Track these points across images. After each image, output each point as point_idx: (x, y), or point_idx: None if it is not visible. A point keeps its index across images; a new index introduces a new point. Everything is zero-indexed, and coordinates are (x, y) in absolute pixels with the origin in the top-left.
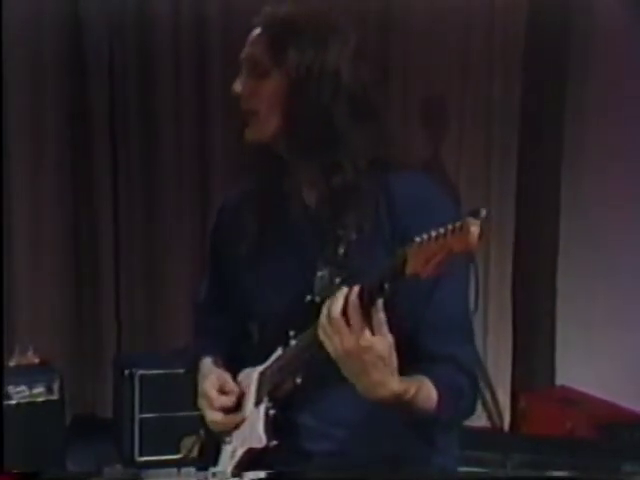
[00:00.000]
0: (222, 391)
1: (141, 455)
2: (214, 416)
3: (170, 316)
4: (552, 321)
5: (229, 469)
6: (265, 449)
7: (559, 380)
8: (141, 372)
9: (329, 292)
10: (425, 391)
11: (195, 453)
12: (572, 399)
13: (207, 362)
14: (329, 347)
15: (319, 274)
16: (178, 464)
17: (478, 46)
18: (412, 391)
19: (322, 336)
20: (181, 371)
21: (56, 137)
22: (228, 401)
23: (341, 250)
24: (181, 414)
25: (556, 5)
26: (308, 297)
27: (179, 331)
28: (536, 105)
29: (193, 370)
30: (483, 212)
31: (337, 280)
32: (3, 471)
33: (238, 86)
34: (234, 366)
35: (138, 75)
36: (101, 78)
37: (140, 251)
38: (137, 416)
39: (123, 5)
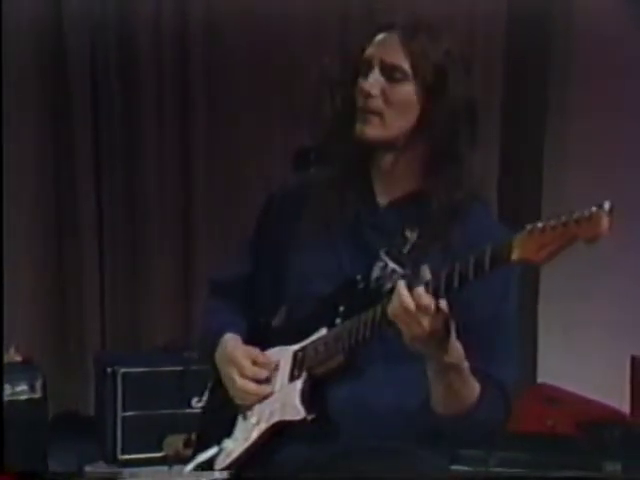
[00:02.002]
0: (255, 362)
1: (123, 453)
2: (247, 385)
3: (153, 315)
4: (534, 318)
5: (248, 443)
6: (302, 421)
7: (540, 378)
8: (123, 370)
9: (387, 281)
10: (472, 381)
11: (184, 451)
12: (553, 397)
13: (231, 336)
14: (408, 328)
15: (379, 264)
16: (162, 462)
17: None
18: (466, 363)
19: (402, 318)
20: (164, 369)
21: (38, 137)
22: (261, 372)
23: (405, 249)
24: (164, 412)
25: (536, 7)
26: (362, 284)
27: (162, 330)
28: (518, 106)
29: (211, 344)
30: (607, 204)
31: (395, 275)
32: (3, 471)
33: (369, 84)
34: (253, 345)
35: (120, 75)
36: (83, 79)
37: (124, 249)
38: (119, 414)
39: (105, 5)
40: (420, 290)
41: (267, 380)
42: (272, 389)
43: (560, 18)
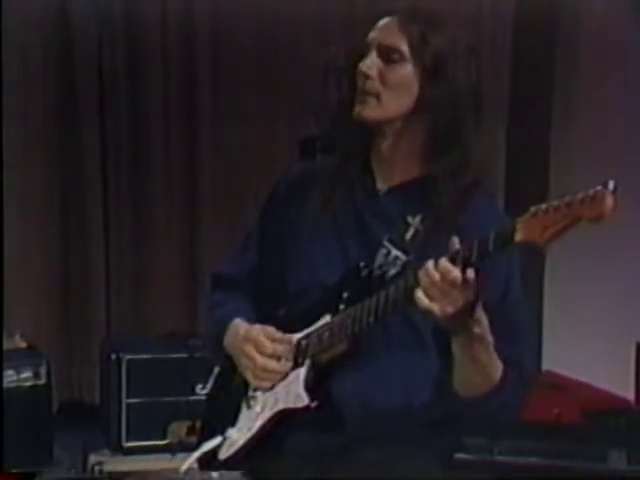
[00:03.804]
0: (274, 340)
1: (128, 440)
2: (268, 363)
3: (159, 302)
4: (539, 306)
5: (252, 432)
6: (306, 409)
7: (545, 365)
8: (128, 357)
9: (391, 268)
10: (497, 359)
11: (186, 439)
12: (559, 385)
13: (240, 321)
14: (438, 303)
15: (383, 251)
16: (166, 450)
17: None
18: (490, 337)
19: (426, 297)
20: (169, 356)
21: (44, 131)
22: (281, 349)
23: (408, 235)
24: (168, 399)
25: (542, 2)
26: (365, 271)
27: (167, 317)
28: (524, 102)
29: (220, 332)
30: (611, 184)
31: (399, 262)
32: (3, 471)
33: (366, 66)
34: None
35: (128, 73)
36: (90, 79)
37: (129, 236)
38: (124, 401)
39: (111, 5)
40: (446, 263)
41: (285, 357)
42: (291, 365)
43: (567, 12)
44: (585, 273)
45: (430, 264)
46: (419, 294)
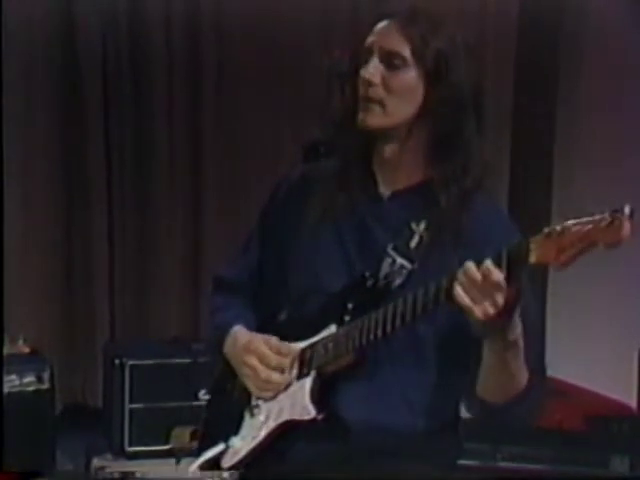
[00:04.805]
0: (279, 352)
1: (131, 445)
2: (272, 376)
3: (162, 306)
4: (542, 312)
5: (256, 441)
6: (312, 421)
7: (548, 371)
8: (132, 362)
9: (396, 278)
10: (524, 369)
11: (189, 444)
12: (561, 391)
13: (239, 327)
14: (478, 305)
15: (388, 260)
16: (169, 455)
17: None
18: (522, 351)
19: (472, 294)
20: (172, 361)
21: (48, 131)
22: (285, 362)
23: (412, 243)
24: (171, 404)
25: (547, 4)
26: (370, 281)
27: (171, 321)
28: (528, 105)
29: (220, 339)
30: (627, 209)
31: (404, 271)
32: (3, 471)
33: (369, 73)
34: None
35: (132, 73)
36: (94, 77)
37: (133, 241)
38: (127, 406)
39: (115, 3)
40: (490, 265)
41: (289, 369)
42: (292, 378)
43: (572, 14)
44: (588, 279)
45: (471, 264)
46: (459, 292)
